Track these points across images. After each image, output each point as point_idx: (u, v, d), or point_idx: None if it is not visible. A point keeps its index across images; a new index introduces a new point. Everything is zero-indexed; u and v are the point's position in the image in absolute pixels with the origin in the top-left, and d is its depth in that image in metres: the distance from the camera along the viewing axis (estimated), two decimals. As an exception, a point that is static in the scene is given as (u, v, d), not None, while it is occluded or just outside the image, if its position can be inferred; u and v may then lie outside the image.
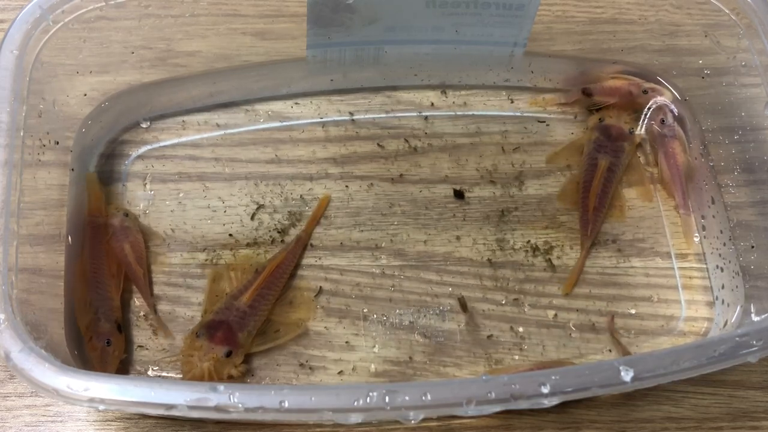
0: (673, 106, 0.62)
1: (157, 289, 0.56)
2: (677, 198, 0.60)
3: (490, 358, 0.55)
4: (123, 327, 0.54)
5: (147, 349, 0.54)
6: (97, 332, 0.52)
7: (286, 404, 0.40)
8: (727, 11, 0.56)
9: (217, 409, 0.40)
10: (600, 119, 0.62)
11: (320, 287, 0.56)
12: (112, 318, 0.53)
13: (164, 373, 0.53)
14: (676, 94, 0.63)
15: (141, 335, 0.54)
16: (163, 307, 0.55)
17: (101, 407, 0.48)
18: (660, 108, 0.62)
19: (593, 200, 0.59)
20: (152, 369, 0.53)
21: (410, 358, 0.54)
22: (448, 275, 0.57)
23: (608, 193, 0.59)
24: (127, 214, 0.57)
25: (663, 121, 0.61)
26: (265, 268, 0.55)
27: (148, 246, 0.57)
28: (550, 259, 0.58)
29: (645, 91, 0.62)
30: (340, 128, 0.62)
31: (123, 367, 0.53)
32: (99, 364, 0.51)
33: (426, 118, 0.63)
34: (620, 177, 0.61)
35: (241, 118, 0.62)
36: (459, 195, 0.60)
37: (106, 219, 0.56)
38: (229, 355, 0.51)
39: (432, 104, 0.63)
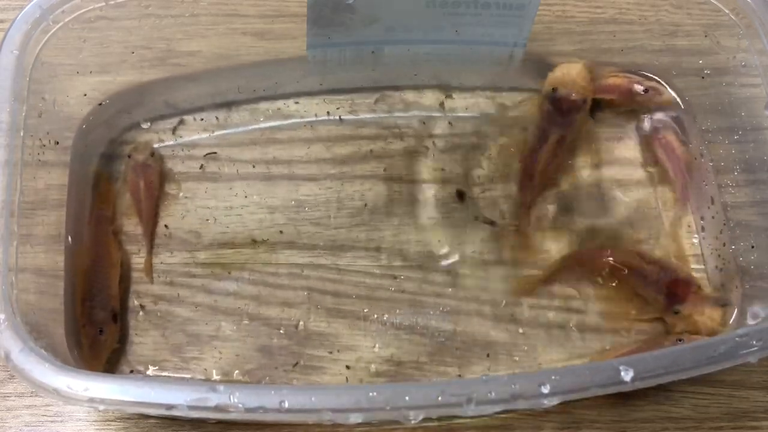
0: (666, 87, 0.62)
1: (157, 289, 0.56)
2: (678, 191, 0.60)
3: (490, 358, 0.55)
4: (119, 317, 0.54)
5: (144, 345, 0.54)
6: (90, 320, 0.53)
7: (286, 404, 0.40)
8: (727, 11, 0.56)
9: (217, 409, 0.40)
10: (554, 89, 0.61)
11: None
12: (108, 307, 0.53)
13: (164, 372, 0.53)
14: (675, 94, 0.63)
15: (139, 332, 0.54)
16: (161, 306, 0.55)
17: (101, 407, 0.48)
18: (646, 88, 0.62)
19: (538, 173, 0.59)
20: (151, 367, 0.53)
21: (410, 358, 0.54)
22: (448, 275, 0.57)
23: (555, 165, 0.59)
24: (153, 154, 0.58)
25: (646, 90, 0.61)
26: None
27: (163, 188, 0.58)
28: (550, 259, 0.58)
29: (646, 90, 0.62)
30: (341, 128, 0.62)
31: (117, 359, 0.53)
32: (90, 351, 0.52)
33: (426, 118, 0.63)
34: (570, 148, 0.60)
35: (241, 118, 0.62)
36: (460, 196, 0.60)
37: (113, 211, 0.57)
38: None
39: (432, 104, 0.63)
